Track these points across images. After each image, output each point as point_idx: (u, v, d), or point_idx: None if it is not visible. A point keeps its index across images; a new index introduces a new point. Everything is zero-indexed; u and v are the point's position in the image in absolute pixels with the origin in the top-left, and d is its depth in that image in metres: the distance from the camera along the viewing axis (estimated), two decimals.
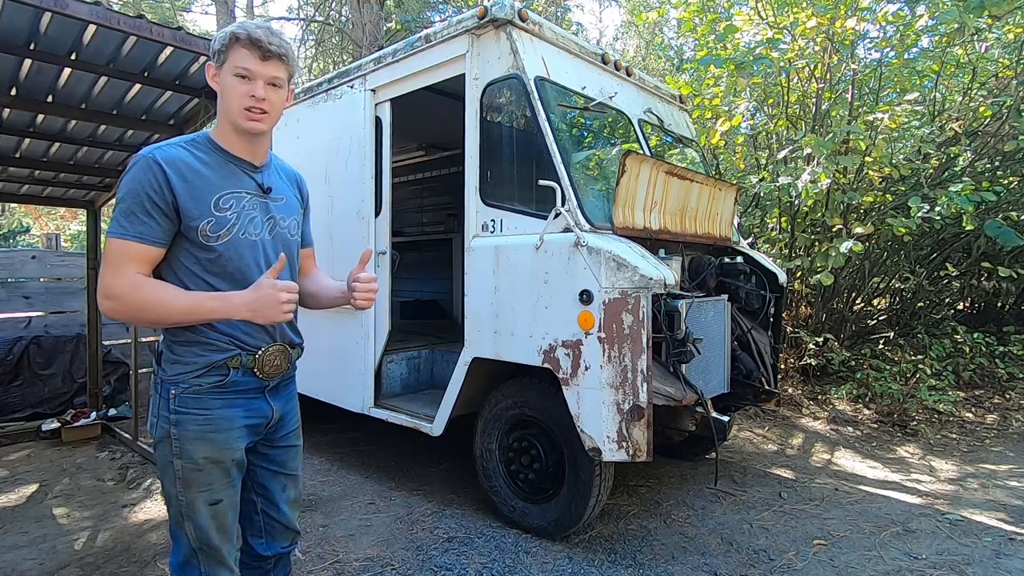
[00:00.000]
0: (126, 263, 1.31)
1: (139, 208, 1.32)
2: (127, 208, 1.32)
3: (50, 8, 2.21)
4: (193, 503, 1.40)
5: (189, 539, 1.42)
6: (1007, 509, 3.27)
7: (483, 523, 3.04)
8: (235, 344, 1.42)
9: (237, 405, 1.44)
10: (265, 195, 1.50)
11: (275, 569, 1.68)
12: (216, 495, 1.42)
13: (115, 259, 1.31)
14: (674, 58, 13.58)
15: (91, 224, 5.07)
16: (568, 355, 2.58)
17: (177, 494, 1.40)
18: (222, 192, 1.41)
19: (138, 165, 1.34)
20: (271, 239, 1.50)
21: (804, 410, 5.13)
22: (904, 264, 5.80)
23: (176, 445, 1.38)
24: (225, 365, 1.41)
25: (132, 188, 1.32)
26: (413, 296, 6.26)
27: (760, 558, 2.71)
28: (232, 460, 1.44)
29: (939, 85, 5.47)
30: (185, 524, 1.41)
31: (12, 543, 2.84)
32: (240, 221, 1.43)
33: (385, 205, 3.56)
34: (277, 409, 1.55)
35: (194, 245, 1.38)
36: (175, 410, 1.38)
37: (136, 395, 4.35)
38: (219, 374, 1.41)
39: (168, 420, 1.38)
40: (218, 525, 1.44)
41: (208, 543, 1.43)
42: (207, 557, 1.44)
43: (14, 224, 13.81)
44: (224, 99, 1.41)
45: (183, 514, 1.41)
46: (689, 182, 3.15)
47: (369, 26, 9.43)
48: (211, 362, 1.40)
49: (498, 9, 2.85)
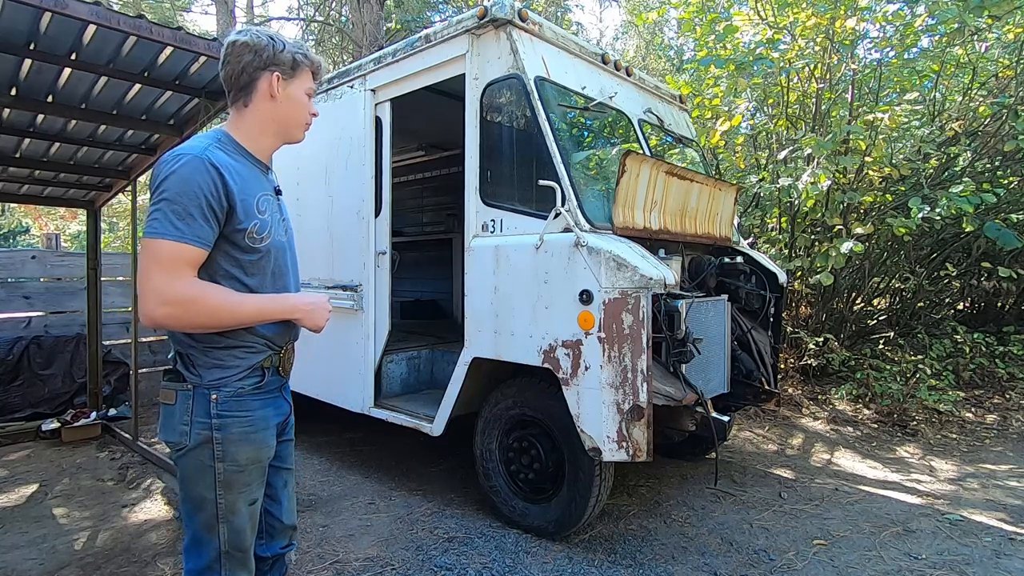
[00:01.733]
0: (183, 267, 1.28)
1: (197, 210, 1.28)
2: (182, 209, 1.27)
3: (50, 8, 2.20)
4: (234, 505, 1.40)
5: (220, 543, 1.40)
6: (1007, 509, 3.27)
7: (483, 523, 3.04)
8: (268, 345, 1.46)
9: (270, 404, 1.49)
10: (278, 196, 1.55)
11: (271, 571, 1.69)
12: (254, 494, 1.45)
13: (171, 263, 1.27)
14: (674, 58, 13.58)
15: (91, 224, 5.06)
16: (568, 355, 2.58)
17: (216, 498, 1.38)
18: (259, 194, 1.43)
19: (190, 165, 1.29)
20: (287, 239, 1.56)
21: (804, 410, 5.13)
22: (904, 264, 5.80)
23: (219, 449, 1.37)
24: (261, 367, 1.45)
25: (187, 189, 1.27)
26: (413, 296, 6.26)
27: (760, 558, 2.71)
28: (268, 458, 1.49)
29: (939, 85, 5.47)
30: (219, 528, 1.40)
31: (12, 543, 2.84)
32: (272, 223, 1.47)
33: (385, 205, 3.56)
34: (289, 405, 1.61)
35: (237, 247, 1.38)
36: (218, 414, 1.37)
37: (136, 395, 4.35)
38: (257, 375, 1.44)
39: (208, 425, 1.37)
40: (252, 525, 1.47)
41: (241, 545, 1.44)
42: (233, 561, 1.43)
43: (14, 224, 13.81)
44: (288, 110, 1.49)
45: (219, 518, 1.39)
46: (689, 182, 3.15)
47: (369, 26, 9.43)
48: (251, 364, 1.43)
49: (498, 9, 2.85)
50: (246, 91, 1.45)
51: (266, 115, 1.47)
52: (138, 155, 4.10)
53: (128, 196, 5.58)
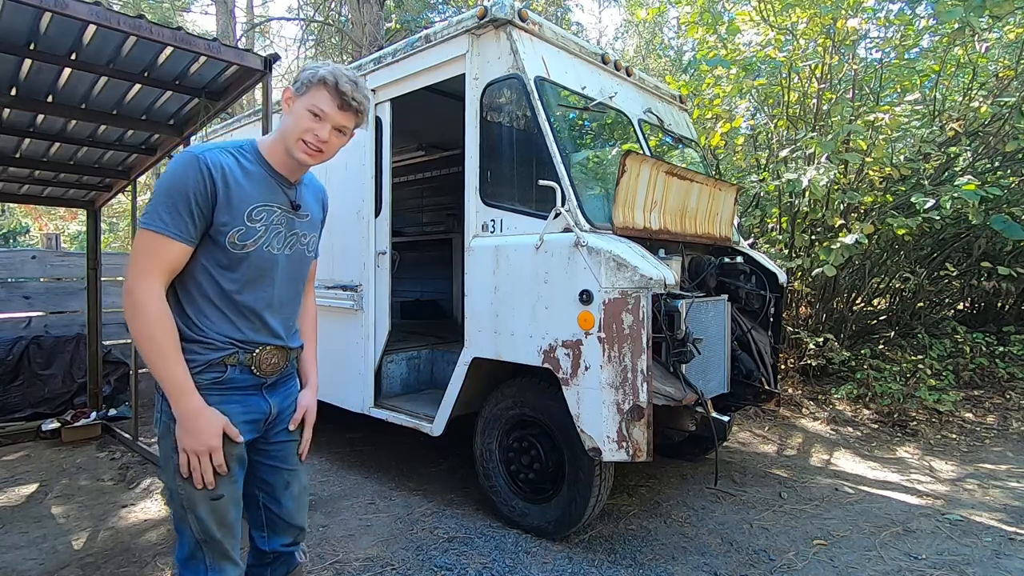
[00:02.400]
0: (157, 267, 1.34)
1: (183, 205, 1.34)
2: (170, 202, 1.34)
3: (50, 8, 2.21)
4: (192, 496, 1.41)
5: (193, 531, 1.44)
6: (1007, 509, 3.27)
7: (483, 523, 3.04)
8: (232, 343, 1.47)
9: (234, 401, 1.48)
10: (294, 211, 1.57)
11: (273, 564, 1.68)
12: (217, 491, 1.43)
13: (149, 256, 1.34)
14: (674, 58, 13.58)
15: (91, 224, 5.06)
16: (568, 355, 2.58)
17: (178, 488, 1.42)
18: (256, 204, 1.46)
19: (184, 163, 1.37)
20: (288, 255, 1.56)
21: (804, 410, 5.13)
22: (904, 264, 5.80)
23: (176, 440, 1.39)
24: (223, 363, 1.45)
25: (176, 183, 1.35)
26: (413, 296, 6.26)
27: (760, 558, 2.71)
28: (230, 455, 1.45)
29: (939, 85, 5.47)
30: (188, 517, 1.43)
31: (12, 543, 2.84)
32: (267, 235, 1.49)
33: (385, 205, 3.56)
34: (275, 405, 1.58)
35: (217, 247, 1.42)
36: None
37: (136, 395, 4.35)
38: (217, 371, 1.45)
39: (169, 415, 1.40)
40: (219, 520, 1.45)
41: (210, 536, 1.44)
42: (211, 550, 1.46)
43: (14, 224, 13.80)
44: (289, 125, 1.47)
45: (185, 507, 1.43)
46: (689, 182, 3.15)
47: (369, 26, 9.43)
48: (209, 360, 1.43)
49: (498, 9, 2.85)
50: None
51: (281, 128, 1.52)
52: (138, 155, 4.10)
53: (128, 196, 5.57)
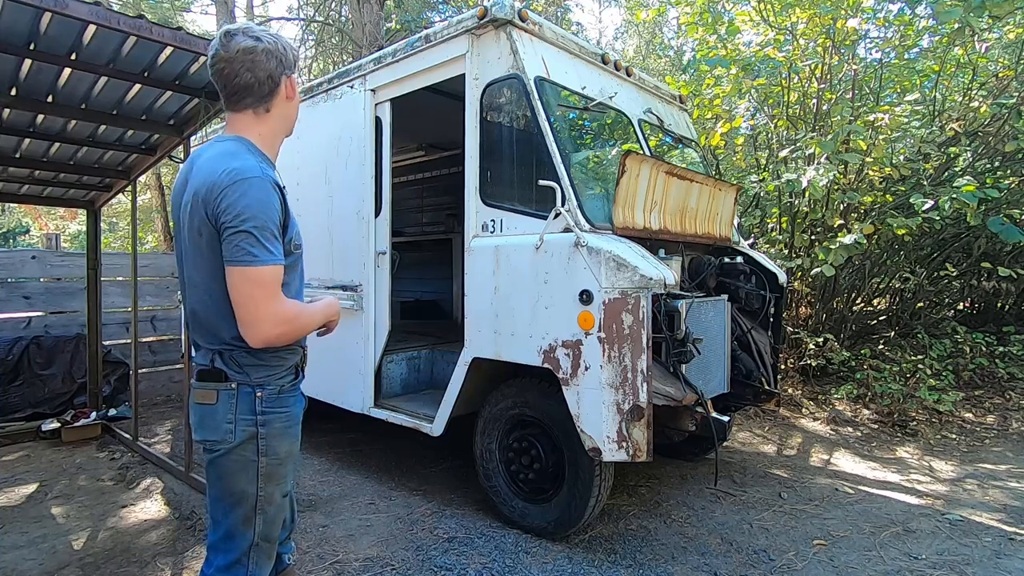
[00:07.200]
0: (278, 289, 1.37)
1: (277, 231, 1.37)
2: (270, 234, 1.34)
3: (50, 8, 2.20)
4: (272, 496, 1.47)
5: (255, 534, 1.47)
6: (1007, 509, 3.27)
7: (483, 523, 3.04)
8: (300, 347, 1.58)
9: (299, 401, 1.58)
10: None
11: None
12: (287, 485, 1.54)
13: (274, 286, 1.35)
14: (674, 58, 13.58)
15: (91, 224, 5.06)
16: (568, 355, 2.58)
17: (256, 491, 1.45)
18: None
19: (263, 188, 1.34)
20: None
21: (804, 410, 5.13)
22: (904, 264, 5.80)
23: (263, 444, 1.44)
24: (295, 366, 1.55)
25: (265, 210, 1.33)
26: (413, 296, 6.27)
27: (760, 558, 2.71)
28: (298, 451, 1.58)
29: (939, 85, 5.47)
30: (256, 520, 1.46)
31: (12, 543, 2.84)
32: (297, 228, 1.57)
33: (385, 205, 3.56)
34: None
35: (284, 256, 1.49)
36: (263, 411, 1.44)
37: (136, 395, 4.35)
38: (293, 373, 1.54)
39: (253, 422, 1.43)
40: (279, 519, 1.54)
41: (271, 535, 1.51)
42: (260, 553, 1.49)
43: (14, 224, 13.80)
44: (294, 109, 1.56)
45: (257, 509, 1.46)
46: (689, 182, 3.15)
47: (369, 26, 9.42)
48: (291, 364, 1.53)
49: (498, 9, 2.85)
50: (268, 96, 1.48)
51: (283, 117, 1.54)
52: (138, 155, 4.10)
53: (128, 196, 5.57)
